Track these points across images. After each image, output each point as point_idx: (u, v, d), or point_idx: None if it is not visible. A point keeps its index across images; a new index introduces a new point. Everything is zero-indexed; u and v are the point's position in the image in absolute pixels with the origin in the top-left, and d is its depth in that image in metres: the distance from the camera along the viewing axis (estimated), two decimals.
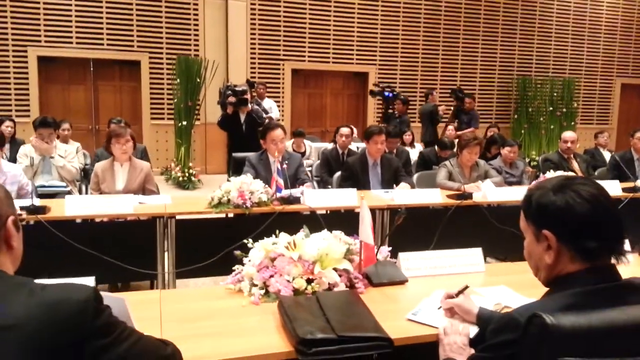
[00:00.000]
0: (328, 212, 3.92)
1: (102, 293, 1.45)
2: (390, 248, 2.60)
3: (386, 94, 7.76)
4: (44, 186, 4.67)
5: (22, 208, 3.18)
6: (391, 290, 2.13)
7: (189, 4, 9.26)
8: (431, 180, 4.94)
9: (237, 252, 2.23)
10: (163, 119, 9.39)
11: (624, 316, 1.11)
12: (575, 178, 1.31)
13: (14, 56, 8.43)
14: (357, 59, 10.38)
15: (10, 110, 8.23)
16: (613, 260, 1.27)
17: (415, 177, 5.19)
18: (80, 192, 5.15)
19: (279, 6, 9.70)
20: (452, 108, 8.87)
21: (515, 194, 4.11)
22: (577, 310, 1.13)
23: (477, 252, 2.41)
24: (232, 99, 6.03)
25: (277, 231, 2.24)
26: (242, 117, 6.27)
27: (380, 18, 10.36)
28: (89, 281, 1.89)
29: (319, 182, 5.56)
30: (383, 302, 2.01)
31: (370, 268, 2.20)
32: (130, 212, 3.40)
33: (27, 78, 8.56)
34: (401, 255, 2.33)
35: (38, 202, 3.55)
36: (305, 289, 2.00)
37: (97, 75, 9.23)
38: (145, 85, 9.29)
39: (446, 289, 1.88)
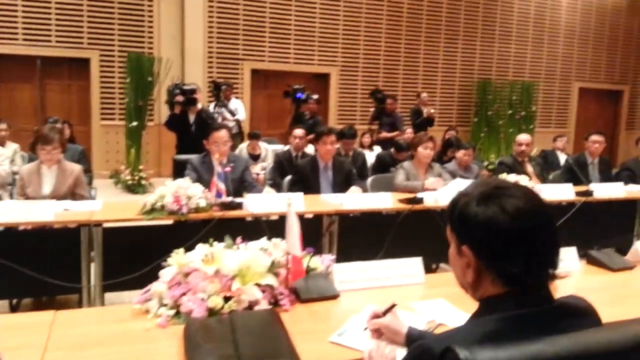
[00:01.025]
0: (279, 217, 3.70)
1: None
2: (333, 257, 2.42)
3: (298, 95, 7.60)
4: None
5: None
6: (320, 306, 1.93)
7: None
8: (386, 183, 4.78)
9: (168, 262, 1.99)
10: (114, 119, 8.99)
11: (550, 348, 0.92)
12: (507, 187, 1.10)
13: None
14: (318, 60, 10.20)
15: None
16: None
17: (369, 180, 5.02)
18: (11, 196, 4.79)
19: (238, 3, 9.44)
20: (371, 110, 8.70)
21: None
22: (501, 339, 0.95)
23: (417, 262, 2.23)
24: (179, 98, 5.75)
25: (211, 240, 2.01)
26: (192, 118, 6.00)
27: (342, 18, 10.21)
28: None
29: (271, 185, 5.35)
30: (308, 321, 1.81)
31: (299, 282, 2.00)
32: (50, 219, 3.11)
33: None
34: (335, 266, 2.13)
35: None
36: (222, 308, 1.78)
37: (44, 73, 8.77)
38: (95, 84, 8.89)
39: (378, 304, 1.69)
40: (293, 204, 1.94)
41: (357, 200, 3.83)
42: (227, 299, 1.80)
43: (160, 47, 9.03)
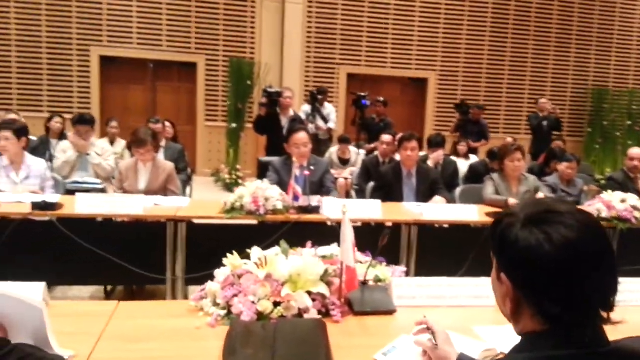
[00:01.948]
0: (361, 224, 3.65)
1: (19, 298, 1.30)
2: (404, 269, 2.33)
3: (363, 102, 7.33)
4: (78, 182, 4.72)
5: (33, 204, 3.15)
6: (374, 321, 1.85)
7: (246, 6, 9.28)
8: (477, 195, 4.54)
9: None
10: (217, 120, 9.45)
11: None
12: (561, 212, 0.95)
13: (77, 55, 8.78)
14: (416, 64, 9.98)
15: (72, 108, 8.57)
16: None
17: (458, 190, 4.80)
18: None
19: (337, 9, 9.52)
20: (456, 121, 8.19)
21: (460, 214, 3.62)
22: None
23: (488, 282, 2.06)
24: (263, 100, 5.90)
25: (282, 242, 2.02)
26: (284, 121, 6.11)
27: (442, 22, 9.92)
28: (39, 287, 1.75)
29: (357, 191, 5.30)
30: (357, 336, 1.73)
31: (354, 293, 1.93)
32: (139, 213, 3.31)
33: (89, 77, 8.89)
34: (394, 280, 2.03)
35: (58, 198, 3.54)
36: (271, 312, 1.76)
37: (156, 76, 9.45)
38: (201, 87, 9.40)
39: (439, 324, 1.57)
40: (347, 212, 1.88)
41: (439, 211, 3.67)
42: (277, 304, 1.78)
43: (261, 53, 9.34)
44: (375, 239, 1.98)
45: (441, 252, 3.62)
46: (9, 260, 3.09)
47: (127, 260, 3.28)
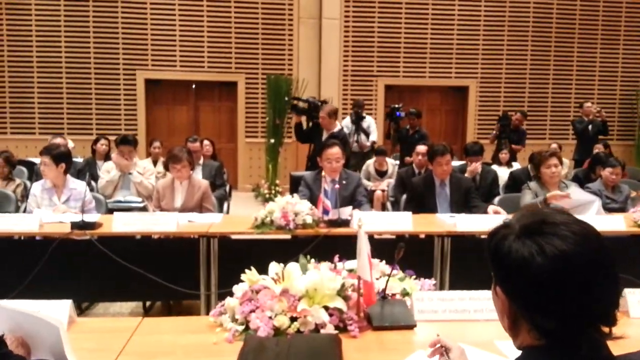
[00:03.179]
0: (395, 237, 3.61)
1: (38, 316, 1.36)
2: (434, 282, 2.29)
3: (397, 114, 7.19)
4: (120, 201, 4.90)
5: (72, 224, 3.29)
6: (392, 336, 1.82)
7: (284, 24, 9.44)
8: (516, 204, 4.40)
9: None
10: (257, 137, 9.60)
11: None
12: (557, 223, 0.91)
13: (124, 79, 9.16)
14: (455, 73, 9.84)
15: (120, 129, 8.91)
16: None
17: (496, 200, 4.67)
18: None
19: (373, 21, 9.54)
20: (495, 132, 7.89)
21: (605, 224, 3.48)
22: None
23: None
24: (301, 105, 5.98)
25: (308, 257, 2.05)
26: (324, 136, 6.12)
27: (482, 28, 9.75)
28: (65, 305, 1.82)
29: (393, 203, 5.26)
30: (373, 351, 1.71)
31: (374, 307, 1.91)
32: (173, 230, 3.40)
33: (135, 99, 9.25)
34: (415, 294, 2.00)
35: (98, 217, 3.68)
36: (288, 327, 1.77)
37: (198, 96, 9.72)
38: (241, 104, 9.59)
39: (457, 339, 1.53)
40: (363, 225, 1.87)
41: (472, 221, 3.58)
42: (293, 319, 1.78)
43: (299, 68, 9.46)
44: (409, 252, 1.97)
45: (477, 264, 3.53)
46: (50, 278, 3.23)
47: (163, 276, 3.36)
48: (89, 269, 3.38)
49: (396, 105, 7.22)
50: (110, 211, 4.27)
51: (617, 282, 0.92)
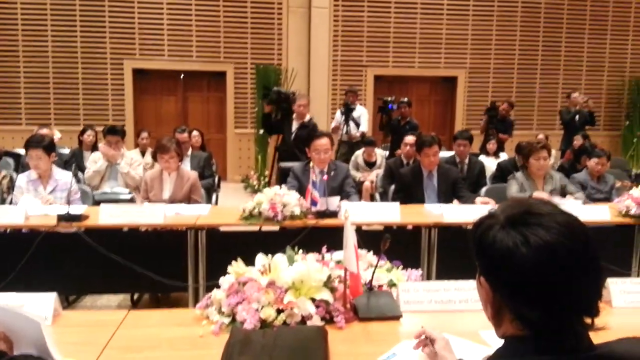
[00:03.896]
0: (384, 227, 3.62)
1: (18, 312, 1.35)
2: (420, 272, 2.31)
3: (389, 106, 7.20)
4: (107, 193, 4.86)
5: (58, 216, 3.27)
6: (378, 327, 1.83)
7: (272, 13, 9.36)
8: (503, 194, 4.43)
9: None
10: (246, 127, 9.56)
11: None
12: (540, 213, 0.92)
13: (111, 68, 9.05)
14: (445, 63, 9.85)
15: (107, 120, 8.82)
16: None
17: (483, 190, 4.71)
18: None
19: (362, 11, 9.49)
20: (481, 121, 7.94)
21: (590, 214, 3.53)
22: None
23: None
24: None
25: (296, 248, 2.07)
26: (294, 126, 6.11)
27: (471, 18, 9.75)
28: (50, 298, 1.81)
29: (381, 193, 5.27)
30: (359, 342, 1.73)
31: (360, 298, 1.92)
32: (160, 222, 3.39)
33: (122, 89, 9.15)
34: (400, 285, 2.01)
35: (84, 209, 3.65)
36: (274, 320, 1.78)
37: (186, 86, 9.65)
38: (230, 95, 9.53)
39: (439, 330, 1.54)
40: (349, 216, 1.87)
41: (459, 212, 3.61)
42: (280, 311, 1.79)
43: (288, 58, 9.40)
44: (396, 242, 1.98)
45: (464, 255, 3.56)
46: (37, 270, 3.21)
47: (151, 268, 3.36)
48: (75, 261, 3.36)
49: (388, 98, 7.22)
50: (97, 203, 4.24)
51: (601, 272, 0.93)
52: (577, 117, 7.88)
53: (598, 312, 0.92)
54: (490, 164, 6.30)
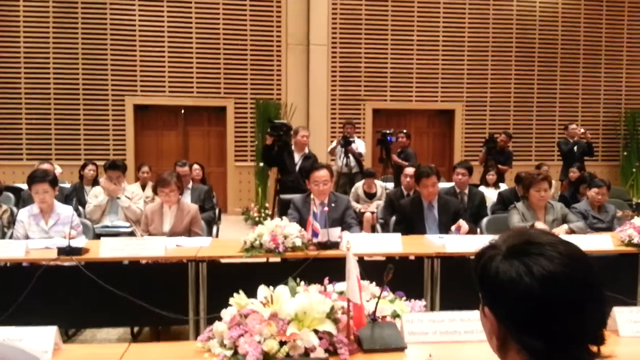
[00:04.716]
0: (386, 258, 3.60)
1: (18, 347, 1.33)
2: (423, 303, 2.29)
3: (389, 139, 7.27)
4: (107, 226, 4.86)
5: (59, 250, 3.26)
6: (383, 358, 1.82)
7: (272, 50, 9.54)
8: (504, 224, 4.43)
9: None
10: (246, 160, 9.61)
11: None
12: (542, 243, 0.92)
13: (112, 104, 9.16)
14: (442, 96, 9.98)
15: (109, 155, 8.87)
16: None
17: (484, 220, 4.71)
18: None
19: (360, 46, 9.68)
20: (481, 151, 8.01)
21: (592, 243, 3.52)
22: None
23: None
24: (268, 130, 6.05)
25: (298, 279, 2.06)
26: (297, 158, 6.15)
27: (466, 53, 9.93)
28: (50, 332, 1.79)
29: (382, 224, 5.26)
30: None
31: (364, 330, 1.91)
32: (161, 254, 3.37)
33: (124, 125, 9.24)
34: (404, 316, 1.99)
35: (85, 242, 3.64)
36: (277, 352, 1.75)
37: (187, 121, 9.75)
38: (231, 129, 9.62)
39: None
40: (351, 247, 1.87)
41: (461, 242, 3.59)
42: (283, 344, 1.77)
43: (287, 93, 9.53)
44: (399, 273, 1.98)
45: (467, 285, 3.53)
46: (37, 304, 3.18)
47: (151, 301, 3.32)
48: (75, 295, 3.33)
49: (387, 131, 7.30)
50: (97, 236, 4.23)
51: (605, 301, 0.93)
52: (575, 148, 7.94)
53: (604, 341, 0.92)
54: (490, 194, 6.31)
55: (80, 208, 5.05)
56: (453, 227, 3.86)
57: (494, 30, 9.96)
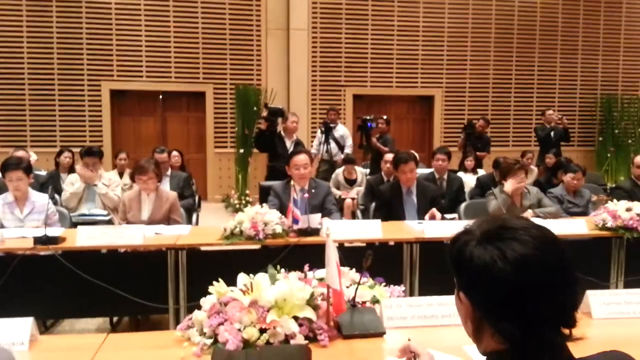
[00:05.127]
0: (366, 245, 3.63)
1: None
2: (403, 288, 2.31)
3: (369, 125, 7.30)
4: (85, 215, 4.79)
5: (35, 239, 3.20)
6: (362, 344, 1.83)
7: (251, 34, 9.43)
8: (482, 209, 4.49)
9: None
10: (226, 147, 9.54)
11: None
12: (515, 228, 0.94)
13: (88, 90, 8.98)
14: (422, 83, 10.01)
15: (85, 141, 8.71)
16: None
17: (462, 206, 4.76)
18: None
19: (340, 32, 9.63)
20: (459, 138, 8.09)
21: (567, 227, 3.59)
22: None
23: None
24: (264, 114, 6.01)
25: (278, 266, 2.05)
26: (288, 143, 6.14)
27: (446, 39, 9.96)
28: (27, 323, 1.76)
29: (363, 211, 5.29)
30: None
31: (343, 316, 1.92)
32: (139, 243, 3.34)
33: (100, 111, 9.08)
34: (384, 301, 2.01)
35: (61, 231, 3.59)
36: (257, 339, 1.75)
37: (165, 107, 9.61)
38: (210, 115, 9.52)
39: (424, 345, 1.54)
40: (331, 234, 1.88)
41: (440, 227, 3.63)
42: (263, 331, 1.77)
43: (267, 79, 9.46)
44: (378, 259, 1.99)
45: (445, 269, 3.58)
46: (14, 294, 3.13)
47: (130, 290, 3.29)
48: (53, 285, 3.28)
49: (367, 117, 7.30)
50: (74, 225, 4.17)
51: (577, 284, 0.94)
52: (552, 133, 8.06)
53: (575, 323, 0.94)
54: (468, 180, 6.39)
55: (57, 196, 4.97)
56: (427, 216, 3.90)
57: (474, 17, 10.00)
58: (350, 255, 2.67)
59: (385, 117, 7.57)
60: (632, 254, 3.65)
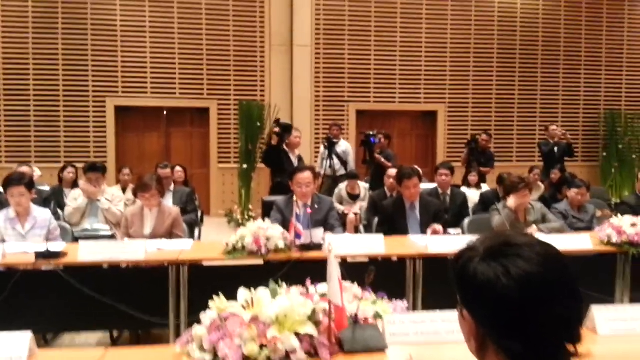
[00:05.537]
0: (369, 259, 3.60)
1: None
2: (405, 304, 2.29)
3: (372, 140, 7.30)
4: (87, 230, 4.79)
5: (36, 254, 3.20)
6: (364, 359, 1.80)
7: (255, 51, 9.51)
8: (486, 225, 4.47)
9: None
10: (230, 162, 9.56)
11: None
12: (519, 244, 0.93)
13: (93, 106, 9.04)
14: (425, 98, 10.03)
15: (89, 157, 8.75)
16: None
17: (466, 221, 4.73)
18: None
19: (343, 48, 9.69)
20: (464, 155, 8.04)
21: (572, 243, 3.56)
22: None
23: None
24: (276, 130, 6.00)
25: (280, 281, 2.04)
26: (294, 159, 6.15)
27: (449, 55, 10.01)
28: (25, 337, 1.75)
29: (366, 226, 5.27)
30: None
31: (345, 331, 1.90)
32: (141, 258, 3.33)
33: (104, 127, 9.13)
34: (386, 317, 1.99)
35: (63, 246, 3.58)
36: (258, 355, 1.73)
37: (169, 123, 9.66)
38: (214, 130, 9.55)
39: None
40: (333, 249, 1.86)
41: (444, 242, 3.61)
42: (263, 347, 1.75)
43: (271, 94, 9.50)
44: (381, 274, 1.97)
45: (449, 285, 3.54)
46: (15, 309, 3.12)
47: (131, 305, 3.28)
48: (54, 299, 3.27)
49: (370, 132, 7.31)
50: (76, 240, 4.17)
51: (581, 300, 0.93)
52: (556, 149, 8.04)
53: (580, 339, 0.92)
54: (472, 195, 6.36)
55: (59, 211, 4.97)
56: (429, 231, 3.88)
57: (476, 32, 10.05)
58: (353, 271, 2.66)
59: (384, 132, 7.56)
60: (638, 270, 3.61)
